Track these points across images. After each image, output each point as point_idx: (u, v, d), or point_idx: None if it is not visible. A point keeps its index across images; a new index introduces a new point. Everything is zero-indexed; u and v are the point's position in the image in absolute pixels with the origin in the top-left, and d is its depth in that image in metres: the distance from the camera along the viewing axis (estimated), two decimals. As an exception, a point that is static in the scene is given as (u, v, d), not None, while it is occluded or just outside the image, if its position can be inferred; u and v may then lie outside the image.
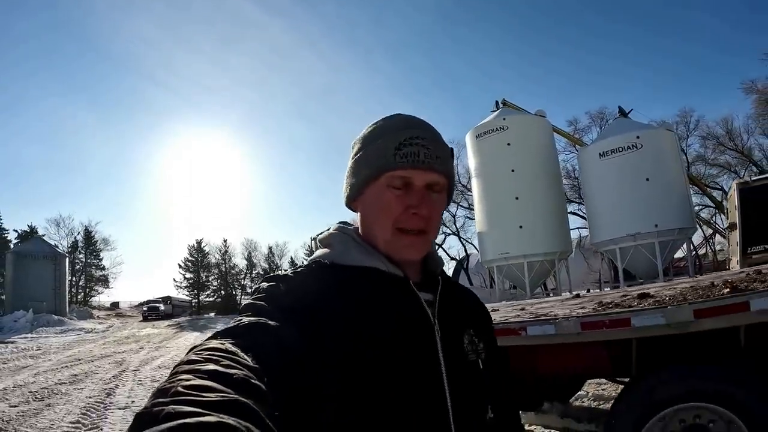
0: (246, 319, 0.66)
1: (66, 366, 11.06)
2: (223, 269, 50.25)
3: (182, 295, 48.48)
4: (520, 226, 17.75)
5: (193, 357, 0.53)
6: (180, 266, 49.24)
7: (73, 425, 5.85)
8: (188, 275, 49.14)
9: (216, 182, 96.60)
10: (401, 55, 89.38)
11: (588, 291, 13.90)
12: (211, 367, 0.50)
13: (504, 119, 19.06)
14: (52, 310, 27.08)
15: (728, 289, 2.52)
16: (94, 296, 47.68)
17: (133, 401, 7.07)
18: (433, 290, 0.86)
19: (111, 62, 79.24)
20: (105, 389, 8.15)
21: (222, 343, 0.57)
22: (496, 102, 21.44)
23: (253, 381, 0.50)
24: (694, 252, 21.89)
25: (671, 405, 2.32)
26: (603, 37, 68.67)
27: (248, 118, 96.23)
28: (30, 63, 75.12)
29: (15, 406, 6.87)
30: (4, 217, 42.71)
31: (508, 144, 18.44)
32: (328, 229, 0.91)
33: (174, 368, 0.52)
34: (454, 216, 33.77)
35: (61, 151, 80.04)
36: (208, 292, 50.05)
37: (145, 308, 38.44)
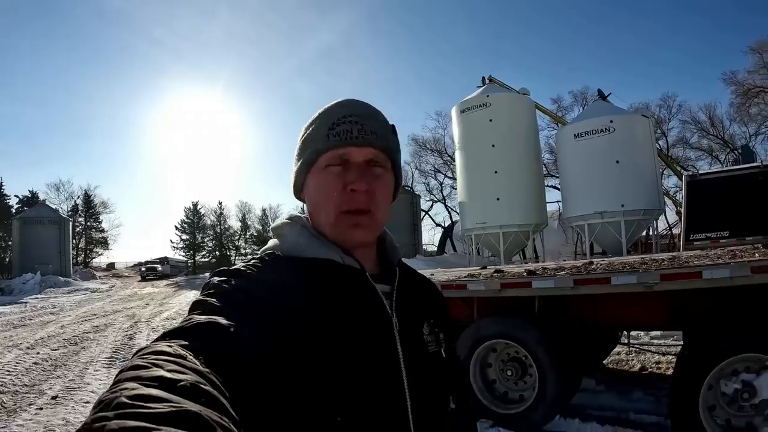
0: (196, 318, 0.63)
1: (85, 320, 13.07)
2: (218, 231, 52.08)
3: (179, 255, 50.51)
4: (498, 199, 19.34)
5: (138, 362, 0.50)
6: (176, 228, 51.08)
7: (109, 359, 7.82)
8: (184, 236, 51.02)
9: (212, 143, 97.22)
10: (404, 19, 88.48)
11: (562, 260, 15.70)
12: (158, 373, 0.47)
13: (487, 96, 20.36)
14: (57, 272, 29.35)
15: (563, 271, 4.24)
16: (94, 258, 50.03)
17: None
18: (391, 281, 0.86)
19: (104, 19, 78.69)
20: (126, 335, 10.29)
21: (170, 346, 0.55)
22: (483, 78, 22.66)
23: (203, 386, 0.48)
24: (667, 230, 23.77)
25: (489, 339, 4.11)
26: (596, 21, 68.83)
27: (246, 78, 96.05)
28: (20, 21, 74.52)
29: (56, 350, 8.74)
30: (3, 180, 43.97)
31: (490, 120, 19.83)
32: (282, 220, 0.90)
33: (117, 375, 0.49)
34: (441, 184, 35.58)
35: (55, 112, 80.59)
36: (204, 252, 52.03)
37: (143, 269, 40.48)
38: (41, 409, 5.27)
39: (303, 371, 0.67)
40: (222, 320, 0.62)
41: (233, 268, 0.78)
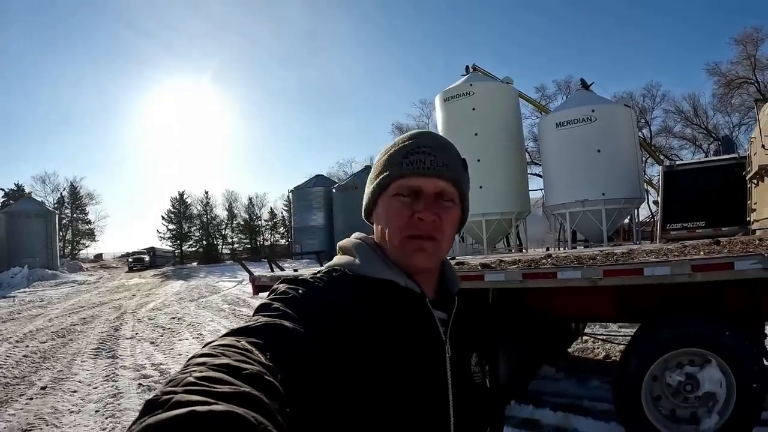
0: (262, 319, 0.67)
1: (73, 312, 13.35)
2: (205, 220, 52.10)
3: (165, 245, 50.55)
4: (480, 187, 19.66)
5: (208, 351, 0.55)
6: (163, 218, 51.07)
7: (96, 350, 8.17)
8: (171, 226, 51.02)
9: (198, 133, 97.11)
10: (389, 4, 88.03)
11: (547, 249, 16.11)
12: (225, 360, 0.52)
13: (471, 85, 20.64)
14: (45, 265, 29.44)
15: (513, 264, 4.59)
16: (81, 250, 50.07)
17: (137, 333, 9.63)
18: (448, 309, 0.89)
19: (90, 8, 77.38)
20: (112, 326, 10.67)
21: (237, 340, 0.59)
22: (467, 66, 22.90)
23: (266, 377, 0.52)
24: (649, 218, 24.38)
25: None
26: (582, 10, 69.21)
27: (229, 66, 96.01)
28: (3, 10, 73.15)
29: (44, 342, 9.04)
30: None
31: (473, 109, 20.16)
32: (350, 237, 0.95)
33: (188, 360, 0.54)
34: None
35: (40, 105, 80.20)
36: (191, 242, 52.11)
37: (130, 259, 40.70)
38: (31, 399, 5.61)
39: (356, 384, 0.70)
40: (286, 323, 0.67)
41: (300, 277, 0.82)
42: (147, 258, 40.90)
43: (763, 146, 8.13)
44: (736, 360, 3.44)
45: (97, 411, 5.15)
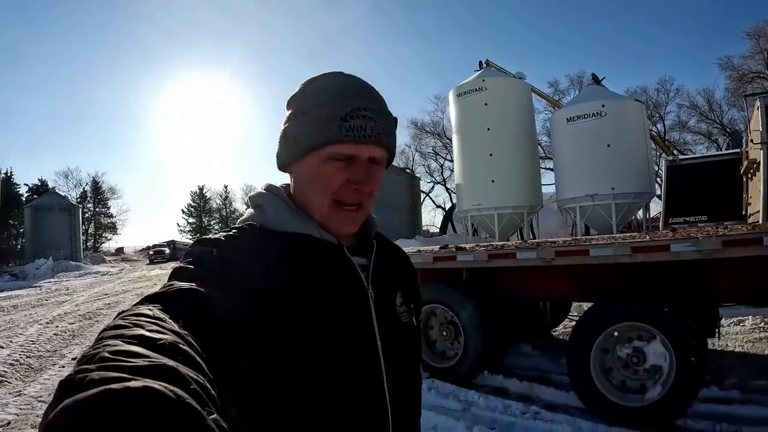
0: (177, 284, 0.66)
1: (98, 299, 14.30)
2: (224, 213, 53.75)
3: (185, 238, 52.15)
4: (492, 181, 20.13)
5: (120, 322, 0.54)
6: (183, 211, 52.91)
7: None
8: (191, 220, 52.77)
9: (216, 127, 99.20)
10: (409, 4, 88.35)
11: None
12: (138, 332, 0.51)
13: (483, 80, 21.02)
14: (68, 257, 31.17)
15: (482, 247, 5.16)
16: (103, 242, 52.01)
17: None
18: (368, 254, 0.91)
19: (110, 6, 79.37)
20: None
21: (150, 309, 0.58)
22: (480, 62, 23.25)
23: (181, 346, 0.51)
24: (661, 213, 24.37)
25: (427, 304, 5.07)
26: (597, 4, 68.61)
27: (249, 60, 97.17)
28: (26, 8, 75.45)
29: (73, 323, 9.90)
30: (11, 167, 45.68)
31: (486, 104, 20.54)
32: (260, 189, 0.92)
33: (99, 333, 0.52)
34: (441, 166, 36.55)
35: (61, 101, 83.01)
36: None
37: (151, 252, 42.28)
38: (63, 367, 6.39)
39: (278, 339, 0.70)
40: (201, 287, 0.66)
41: (213, 237, 0.81)
42: (167, 250, 42.29)
43: (751, 140, 8.49)
44: (675, 335, 3.86)
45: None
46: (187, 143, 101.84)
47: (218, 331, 0.62)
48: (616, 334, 4.13)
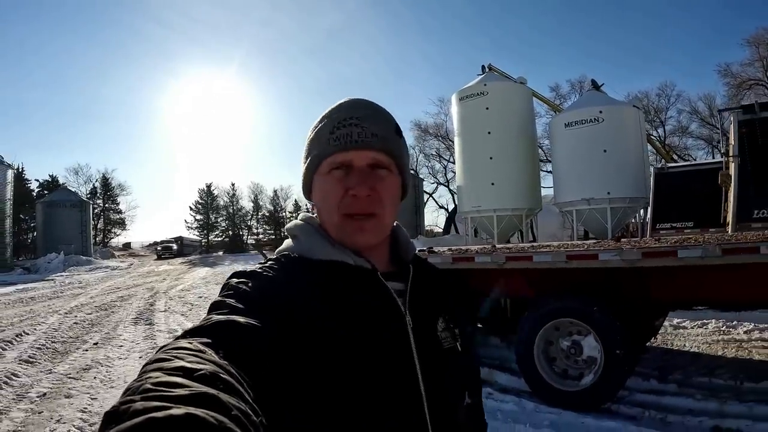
0: (215, 317, 0.68)
1: (110, 292, 15.42)
2: (231, 211, 54.78)
3: (193, 235, 53.44)
4: (492, 183, 20.83)
5: (161, 356, 0.56)
6: (191, 208, 54.10)
7: (135, 319, 10.07)
8: (198, 216, 53.90)
9: (225, 125, 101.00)
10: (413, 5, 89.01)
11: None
12: (179, 363, 0.52)
13: (485, 85, 21.69)
14: (79, 252, 32.53)
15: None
16: (112, 238, 53.75)
17: (169, 307, 11.67)
18: (405, 279, 0.89)
19: (118, 4, 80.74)
20: (147, 302, 12.69)
21: (190, 342, 0.60)
22: (482, 66, 23.92)
23: (222, 375, 0.53)
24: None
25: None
26: (600, 9, 69.05)
27: (254, 58, 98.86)
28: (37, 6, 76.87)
29: (90, 314, 10.89)
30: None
31: (487, 108, 21.24)
32: (296, 219, 0.95)
33: (142, 368, 0.54)
34: (444, 168, 37.53)
35: (71, 98, 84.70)
36: (217, 232, 55.05)
37: (159, 247, 43.60)
38: (87, 350, 7.34)
39: (314, 368, 0.71)
40: (240, 318, 0.67)
41: (250, 270, 0.83)
42: (175, 246, 43.58)
43: (724, 153, 9.17)
44: (603, 330, 4.56)
45: (140, 357, 6.84)
46: (194, 140, 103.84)
47: (257, 362, 0.63)
48: (557, 329, 4.86)
